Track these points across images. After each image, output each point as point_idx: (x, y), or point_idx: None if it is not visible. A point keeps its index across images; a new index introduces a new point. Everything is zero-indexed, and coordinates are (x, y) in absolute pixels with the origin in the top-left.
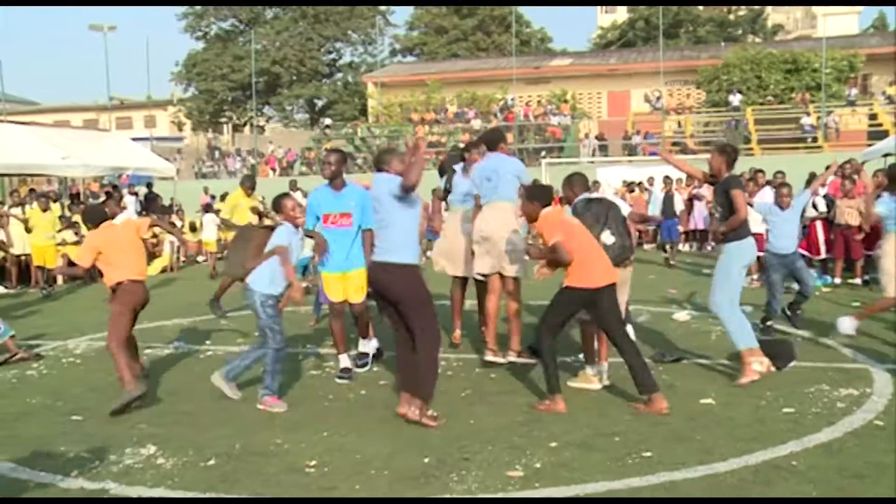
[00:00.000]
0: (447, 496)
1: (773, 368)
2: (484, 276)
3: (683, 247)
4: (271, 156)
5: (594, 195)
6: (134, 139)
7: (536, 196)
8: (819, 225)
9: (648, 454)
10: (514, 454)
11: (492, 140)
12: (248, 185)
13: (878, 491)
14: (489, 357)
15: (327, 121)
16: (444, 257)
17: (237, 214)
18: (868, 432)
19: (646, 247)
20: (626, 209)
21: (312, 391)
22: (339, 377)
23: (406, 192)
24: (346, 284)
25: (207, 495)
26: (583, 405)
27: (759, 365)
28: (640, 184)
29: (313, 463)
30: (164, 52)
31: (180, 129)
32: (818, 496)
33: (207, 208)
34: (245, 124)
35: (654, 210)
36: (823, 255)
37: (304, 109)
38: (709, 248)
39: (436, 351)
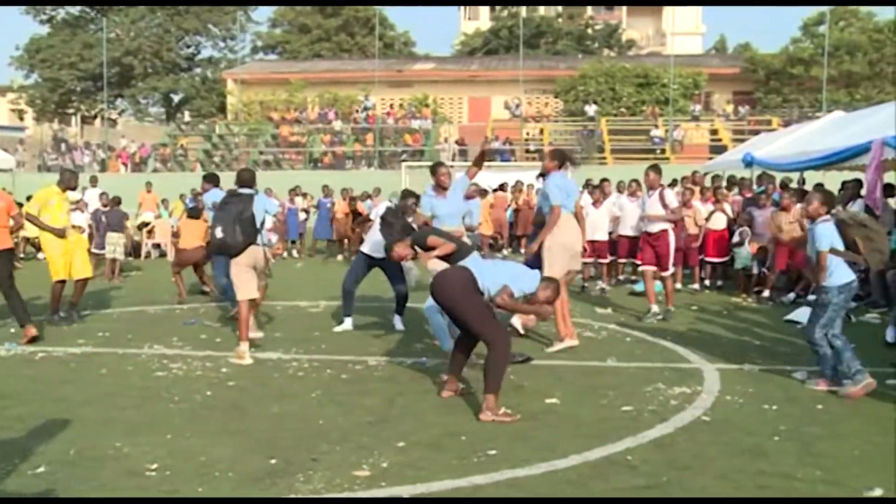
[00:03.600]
0: (292, 496)
1: None
2: None
3: None
4: (123, 150)
5: (242, 191)
6: None
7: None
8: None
9: (493, 452)
10: (361, 454)
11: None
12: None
13: (700, 480)
14: None
15: (186, 116)
16: None
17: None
18: (696, 427)
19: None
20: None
21: (156, 392)
22: None
23: None
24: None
25: None
26: (433, 405)
27: None
28: (502, 186)
29: (154, 466)
30: (1, 33)
31: (21, 118)
32: (646, 486)
33: None
34: (95, 116)
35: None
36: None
37: (160, 104)
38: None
39: None
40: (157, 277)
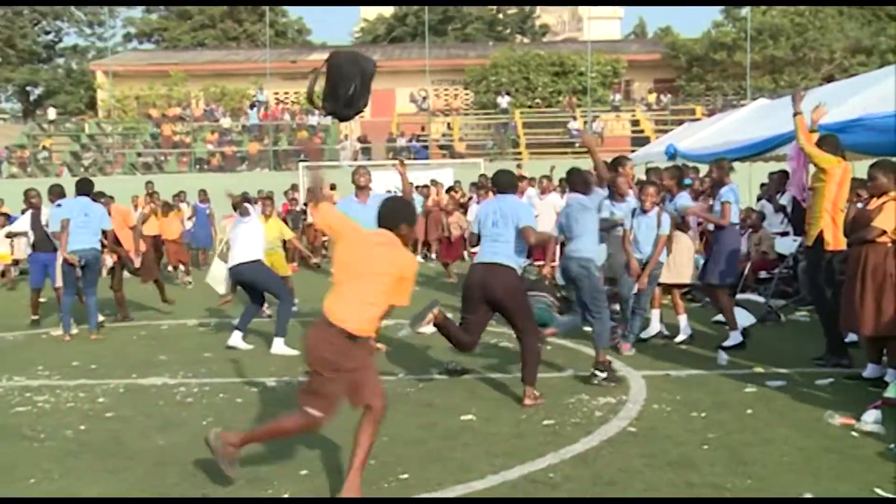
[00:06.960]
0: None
1: None
2: None
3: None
4: None
5: None
6: None
7: None
8: None
9: (405, 476)
10: (259, 486)
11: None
12: None
13: (627, 494)
14: None
15: (51, 112)
16: None
17: None
18: (622, 439)
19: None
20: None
21: (16, 430)
22: None
23: None
24: None
25: None
26: (338, 428)
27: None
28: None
29: None
30: None
31: None
32: None
33: None
34: None
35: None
36: None
37: (16, 98)
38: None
39: None
40: (16, 298)
